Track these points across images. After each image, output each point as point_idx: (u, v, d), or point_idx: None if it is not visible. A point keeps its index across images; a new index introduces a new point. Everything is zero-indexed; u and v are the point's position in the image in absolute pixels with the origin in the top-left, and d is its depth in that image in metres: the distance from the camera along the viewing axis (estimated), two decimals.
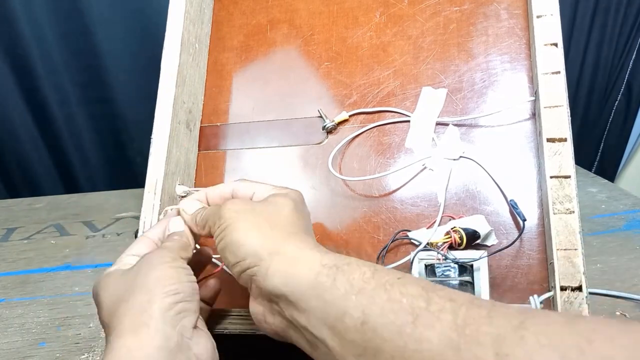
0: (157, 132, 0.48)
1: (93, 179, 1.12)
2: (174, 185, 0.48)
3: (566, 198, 0.36)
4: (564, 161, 0.37)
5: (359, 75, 0.50)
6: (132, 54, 0.97)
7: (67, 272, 0.62)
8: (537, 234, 0.39)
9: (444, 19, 0.49)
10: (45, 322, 0.53)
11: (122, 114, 1.04)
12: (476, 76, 0.46)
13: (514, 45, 0.46)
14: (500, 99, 0.45)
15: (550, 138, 0.38)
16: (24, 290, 0.59)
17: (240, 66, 0.55)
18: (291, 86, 0.52)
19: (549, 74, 0.40)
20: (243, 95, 0.54)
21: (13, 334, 0.51)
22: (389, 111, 0.48)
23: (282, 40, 0.54)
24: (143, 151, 0.48)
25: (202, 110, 0.55)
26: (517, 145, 0.43)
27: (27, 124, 1.03)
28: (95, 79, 0.99)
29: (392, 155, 0.46)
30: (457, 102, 0.46)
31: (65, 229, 0.75)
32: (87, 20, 0.92)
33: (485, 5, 0.48)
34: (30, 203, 0.87)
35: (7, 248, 0.70)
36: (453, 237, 0.39)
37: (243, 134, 0.52)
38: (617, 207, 0.64)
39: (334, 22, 0.53)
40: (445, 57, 0.48)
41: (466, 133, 0.45)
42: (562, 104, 0.38)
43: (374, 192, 0.46)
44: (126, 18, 0.93)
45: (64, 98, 1.01)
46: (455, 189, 0.43)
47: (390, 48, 0.50)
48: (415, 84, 0.48)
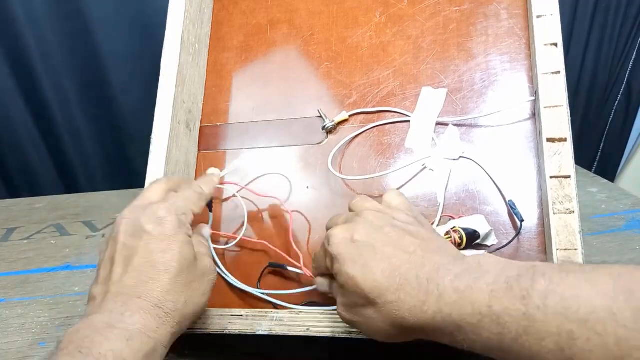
0: (157, 132, 0.48)
1: (93, 179, 1.12)
2: None
3: (566, 198, 0.36)
4: (564, 161, 0.37)
5: (359, 75, 0.50)
6: (132, 54, 0.97)
7: (67, 272, 0.62)
8: (537, 234, 0.39)
9: (444, 19, 0.49)
10: (45, 322, 0.53)
11: (122, 114, 1.04)
12: (476, 76, 0.46)
13: (514, 45, 0.46)
14: (500, 99, 0.45)
15: (550, 138, 0.38)
16: (24, 290, 0.59)
17: (240, 66, 0.55)
18: (291, 86, 0.52)
19: (549, 74, 0.40)
20: (243, 95, 0.54)
21: (13, 334, 0.51)
22: (389, 111, 0.48)
23: (282, 40, 0.54)
24: (143, 151, 0.48)
25: (202, 110, 0.55)
26: (517, 145, 0.43)
27: (27, 124, 1.03)
28: (95, 79, 0.99)
29: (392, 155, 0.46)
30: (457, 102, 0.46)
31: (65, 229, 0.74)
32: (87, 20, 0.92)
33: (485, 5, 0.48)
34: (30, 203, 0.87)
35: (7, 248, 0.70)
36: (453, 237, 0.38)
37: (243, 134, 0.52)
38: (617, 207, 0.64)
39: (334, 22, 0.53)
40: (445, 57, 0.48)
41: (466, 133, 0.45)
42: (562, 104, 0.38)
43: (374, 192, 0.46)
44: (126, 18, 0.93)
45: (64, 98, 1.01)
46: (455, 188, 0.43)
47: (390, 48, 0.50)
48: (415, 84, 0.48)
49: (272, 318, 0.39)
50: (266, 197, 0.48)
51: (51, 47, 0.94)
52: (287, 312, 0.39)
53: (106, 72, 0.98)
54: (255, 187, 0.50)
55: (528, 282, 0.23)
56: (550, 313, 0.22)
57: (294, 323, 0.38)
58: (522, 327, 0.22)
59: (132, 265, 0.32)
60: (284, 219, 0.48)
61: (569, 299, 0.22)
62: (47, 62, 0.96)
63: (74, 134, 1.06)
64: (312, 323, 0.37)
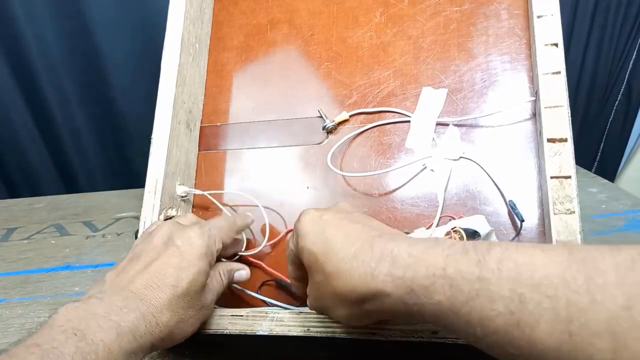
0: (157, 132, 0.48)
1: (93, 179, 1.12)
2: (174, 185, 0.48)
3: (567, 198, 0.36)
4: (565, 161, 0.37)
5: (359, 75, 0.50)
6: (132, 54, 0.97)
7: (67, 272, 0.62)
8: (538, 234, 0.39)
9: (444, 19, 0.49)
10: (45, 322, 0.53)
11: (122, 114, 1.04)
12: (476, 76, 0.46)
13: (514, 46, 0.46)
14: (500, 99, 0.45)
15: (550, 138, 0.38)
16: (24, 290, 0.59)
17: (240, 66, 0.55)
18: (291, 86, 0.52)
19: (549, 74, 0.40)
20: (243, 95, 0.54)
21: (13, 334, 0.51)
22: (389, 111, 0.48)
23: (282, 40, 0.54)
24: (143, 151, 0.48)
25: (202, 110, 0.55)
26: (517, 146, 0.43)
27: (27, 124, 1.03)
28: (95, 79, 0.99)
29: (392, 155, 0.46)
30: (457, 102, 0.46)
31: (65, 229, 0.74)
32: (87, 21, 0.92)
33: (485, 5, 0.48)
34: (30, 203, 0.87)
35: (7, 248, 0.70)
36: (453, 237, 0.38)
37: (243, 134, 0.52)
38: (617, 207, 0.64)
39: (334, 22, 0.53)
40: (445, 57, 0.48)
41: (466, 133, 0.45)
42: (562, 104, 0.38)
43: (374, 192, 0.46)
44: (126, 18, 0.93)
45: (64, 98, 1.01)
46: (455, 189, 0.43)
47: (390, 48, 0.50)
48: (415, 84, 0.48)
49: (272, 318, 0.39)
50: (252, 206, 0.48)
51: (51, 47, 0.94)
52: (287, 312, 0.39)
53: (106, 72, 0.99)
54: (255, 187, 0.50)
55: (484, 249, 0.24)
56: (504, 277, 0.22)
57: (294, 323, 0.38)
58: (475, 290, 0.22)
59: (149, 269, 0.34)
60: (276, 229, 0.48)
61: (523, 265, 0.22)
62: (47, 62, 0.96)
63: (74, 134, 1.06)
64: (312, 323, 0.37)
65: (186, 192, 0.49)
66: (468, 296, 0.23)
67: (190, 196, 0.51)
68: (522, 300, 0.21)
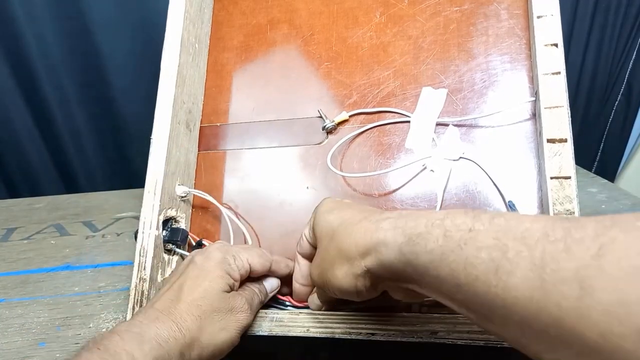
0: (157, 132, 0.48)
1: (93, 179, 1.12)
2: (174, 185, 0.48)
3: (566, 199, 0.36)
4: (564, 162, 0.37)
5: (359, 75, 0.50)
6: (132, 54, 0.97)
7: (67, 272, 0.62)
8: None
9: (444, 19, 0.49)
10: (45, 322, 0.53)
11: (122, 114, 1.04)
12: (476, 76, 0.46)
13: (514, 46, 0.46)
14: (500, 99, 0.45)
15: (550, 139, 0.38)
16: (24, 290, 0.59)
17: (240, 66, 0.55)
18: (291, 86, 0.52)
19: (549, 74, 0.40)
20: (243, 96, 0.54)
21: (13, 334, 0.51)
22: (389, 111, 0.48)
23: (282, 40, 0.54)
24: (143, 151, 0.48)
25: (202, 110, 0.55)
26: (517, 146, 0.43)
27: (27, 124, 1.03)
28: (95, 79, 0.99)
29: (392, 155, 0.46)
30: (457, 102, 0.46)
31: (65, 229, 0.74)
32: (87, 21, 0.92)
33: (485, 5, 0.48)
34: (30, 203, 0.87)
35: (7, 248, 0.70)
36: None
37: (243, 134, 0.52)
38: (617, 207, 0.64)
39: (334, 22, 0.53)
40: (445, 57, 0.47)
41: (466, 133, 0.45)
42: (562, 105, 0.38)
43: (373, 192, 0.46)
44: (126, 18, 0.93)
45: (64, 98, 1.01)
46: (455, 189, 0.43)
47: (390, 48, 0.50)
48: (415, 84, 0.48)
49: (272, 319, 0.39)
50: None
51: (51, 47, 0.95)
52: (287, 312, 0.39)
53: (106, 72, 0.99)
54: (255, 187, 0.50)
55: (482, 211, 0.26)
56: (492, 230, 0.23)
57: (294, 323, 0.38)
58: (464, 239, 0.24)
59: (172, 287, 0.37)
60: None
61: (512, 220, 0.23)
62: (47, 62, 0.96)
63: (74, 134, 1.06)
64: (312, 323, 0.37)
65: (186, 192, 0.49)
66: (457, 244, 0.24)
67: (190, 196, 0.51)
68: (504, 250, 0.22)
